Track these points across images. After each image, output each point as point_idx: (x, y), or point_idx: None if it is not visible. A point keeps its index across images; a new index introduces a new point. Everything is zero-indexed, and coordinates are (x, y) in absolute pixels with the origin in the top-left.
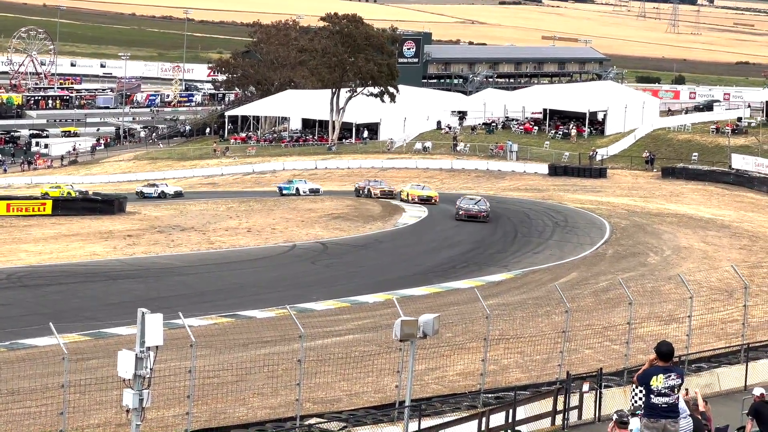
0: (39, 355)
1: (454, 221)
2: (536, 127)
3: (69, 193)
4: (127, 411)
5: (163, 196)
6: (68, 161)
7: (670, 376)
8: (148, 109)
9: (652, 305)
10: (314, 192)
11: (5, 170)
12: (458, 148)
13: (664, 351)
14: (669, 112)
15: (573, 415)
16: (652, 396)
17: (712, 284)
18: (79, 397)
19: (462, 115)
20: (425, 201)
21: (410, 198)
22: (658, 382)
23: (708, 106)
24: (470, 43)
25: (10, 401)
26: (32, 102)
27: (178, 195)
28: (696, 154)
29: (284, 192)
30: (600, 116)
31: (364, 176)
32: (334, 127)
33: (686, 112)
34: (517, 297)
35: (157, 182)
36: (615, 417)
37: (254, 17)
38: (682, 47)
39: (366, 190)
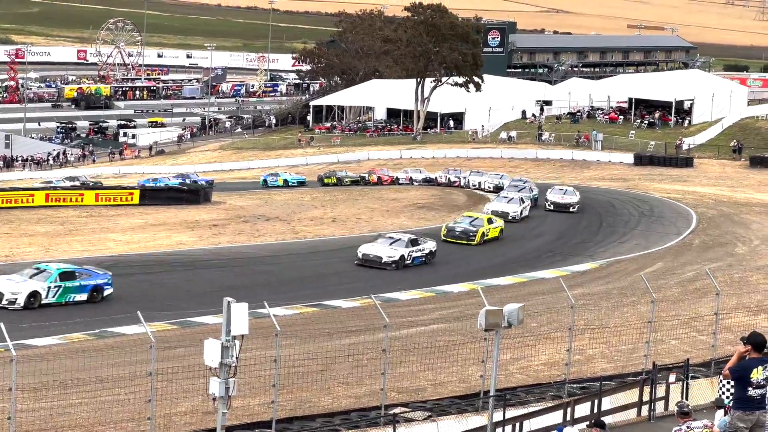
0: (127, 343)
1: (538, 211)
2: (621, 117)
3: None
4: (214, 399)
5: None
6: (155, 151)
7: (766, 367)
8: (233, 99)
9: (740, 296)
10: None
11: (94, 160)
12: (543, 138)
13: (761, 341)
14: None
15: (659, 406)
16: (750, 389)
17: None
18: (166, 385)
19: (540, 105)
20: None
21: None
22: (758, 374)
23: None
24: (555, 32)
25: (99, 388)
26: (120, 93)
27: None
28: None
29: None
30: (687, 105)
31: (449, 166)
32: (418, 117)
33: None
34: (602, 287)
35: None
36: (676, 409)
37: (339, 7)
38: None
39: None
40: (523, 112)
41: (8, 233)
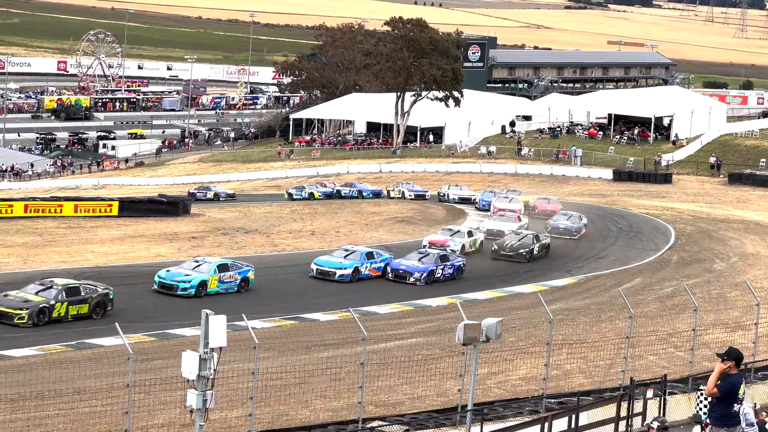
0: (104, 354)
1: None
2: (601, 132)
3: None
4: (191, 411)
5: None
6: (134, 163)
7: (746, 383)
8: (213, 112)
9: (718, 312)
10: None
11: (73, 171)
12: (522, 153)
13: (741, 357)
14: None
15: (636, 422)
16: (735, 404)
17: None
18: (143, 397)
19: (512, 122)
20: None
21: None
22: (742, 391)
23: None
24: (535, 47)
25: (76, 400)
26: (100, 104)
27: None
28: (764, 160)
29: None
30: (666, 121)
31: (429, 180)
32: (398, 131)
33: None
34: (580, 302)
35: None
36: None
37: (319, 20)
38: (750, 52)
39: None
40: (503, 127)
41: None
